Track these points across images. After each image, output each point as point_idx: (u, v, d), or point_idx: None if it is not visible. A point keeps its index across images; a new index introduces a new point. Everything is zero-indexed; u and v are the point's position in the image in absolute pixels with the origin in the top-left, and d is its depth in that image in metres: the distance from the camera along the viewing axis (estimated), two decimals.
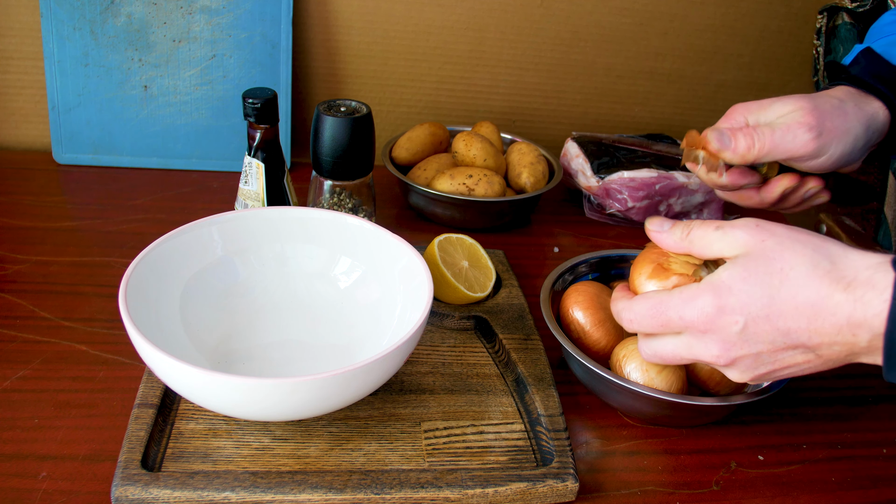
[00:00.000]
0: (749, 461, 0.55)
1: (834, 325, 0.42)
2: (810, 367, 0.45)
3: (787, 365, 0.45)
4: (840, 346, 0.42)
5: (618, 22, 0.98)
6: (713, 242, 0.46)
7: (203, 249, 0.58)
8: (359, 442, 0.52)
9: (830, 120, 0.52)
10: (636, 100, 1.04)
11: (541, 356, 0.60)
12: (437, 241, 0.65)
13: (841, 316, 0.41)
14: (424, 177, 0.83)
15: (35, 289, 0.66)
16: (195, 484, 0.46)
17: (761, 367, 0.45)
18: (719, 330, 0.44)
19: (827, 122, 0.52)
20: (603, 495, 0.51)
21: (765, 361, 0.45)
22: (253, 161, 0.65)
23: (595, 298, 0.60)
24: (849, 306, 0.41)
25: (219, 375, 0.43)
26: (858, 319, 0.41)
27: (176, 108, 0.89)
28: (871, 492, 0.54)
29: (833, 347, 0.43)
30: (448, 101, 0.99)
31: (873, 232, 0.98)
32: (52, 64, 0.85)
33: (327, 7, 0.91)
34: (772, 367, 0.45)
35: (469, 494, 0.48)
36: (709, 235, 0.46)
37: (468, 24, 0.95)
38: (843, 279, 0.41)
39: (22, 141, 0.92)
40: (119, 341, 0.60)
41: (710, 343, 0.45)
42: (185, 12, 0.85)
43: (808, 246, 0.43)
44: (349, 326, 0.60)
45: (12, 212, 0.77)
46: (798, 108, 0.52)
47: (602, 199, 0.87)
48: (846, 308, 0.41)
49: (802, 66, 1.05)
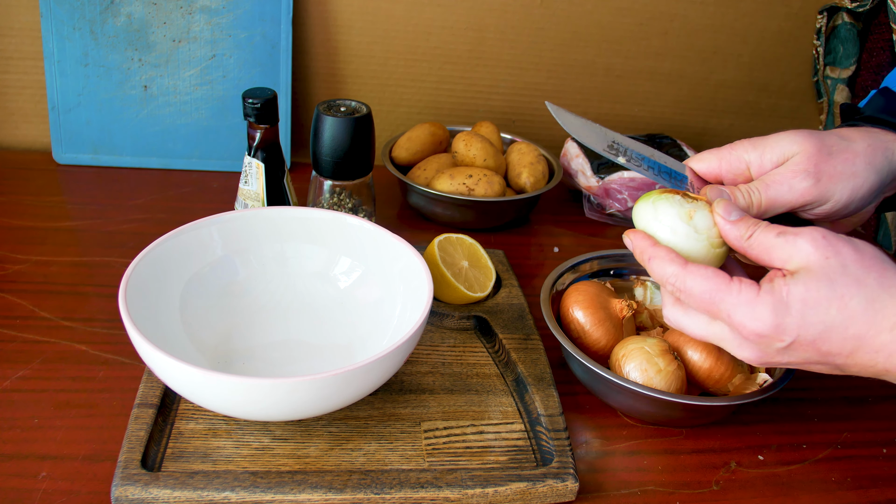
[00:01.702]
0: (749, 461, 0.55)
1: (872, 360, 0.42)
2: (827, 372, 0.45)
3: (808, 366, 0.45)
4: (869, 372, 0.43)
5: (618, 22, 0.97)
6: (773, 249, 0.44)
7: (203, 249, 0.58)
8: (359, 442, 0.52)
9: (832, 164, 0.49)
10: (636, 100, 1.04)
11: (541, 356, 0.60)
12: (437, 241, 0.65)
13: (882, 354, 0.42)
14: (424, 177, 0.83)
15: (35, 289, 0.66)
16: (195, 484, 0.46)
17: (783, 363, 0.46)
18: (762, 344, 0.44)
19: (828, 167, 0.48)
20: (603, 495, 0.51)
21: (789, 363, 0.45)
22: (253, 161, 0.66)
23: (595, 298, 0.60)
24: (891, 347, 0.41)
25: (218, 375, 0.43)
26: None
27: (176, 108, 0.89)
28: (871, 492, 0.54)
29: (861, 371, 0.43)
30: (448, 101, 0.99)
31: (873, 232, 0.98)
32: (52, 64, 0.85)
33: (327, 7, 0.91)
34: (792, 364, 0.45)
35: (469, 494, 0.48)
36: (769, 240, 0.44)
37: (468, 24, 0.95)
38: (894, 316, 0.41)
39: (22, 141, 0.92)
40: (119, 341, 0.60)
41: (745, 349, 0.45)
42: (185, 12, 0.85)
43: (872, 274, 0.42)
44: (349, 326, 0.60)
45: (12, 212, 0.77)
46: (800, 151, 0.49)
47: (602, 199, 0.87)
48: (888, 348, 0.41)
49: (802, 66, 1.05)
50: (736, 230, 0.46)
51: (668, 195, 0.49)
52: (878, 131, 0.52)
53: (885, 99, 0.56)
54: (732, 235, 0.46)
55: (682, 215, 0.47)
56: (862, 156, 0.49)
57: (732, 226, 0.46)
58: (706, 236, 0.47)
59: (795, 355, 0.44)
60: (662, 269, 0.47)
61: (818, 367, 0.45)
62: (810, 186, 0.48)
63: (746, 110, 1.07)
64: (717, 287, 0.44)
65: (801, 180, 0.48)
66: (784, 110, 1.08)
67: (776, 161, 0.50)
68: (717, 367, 0.56)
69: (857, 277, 0.42)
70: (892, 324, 0.41)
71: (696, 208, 0.48)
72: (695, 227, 0.47)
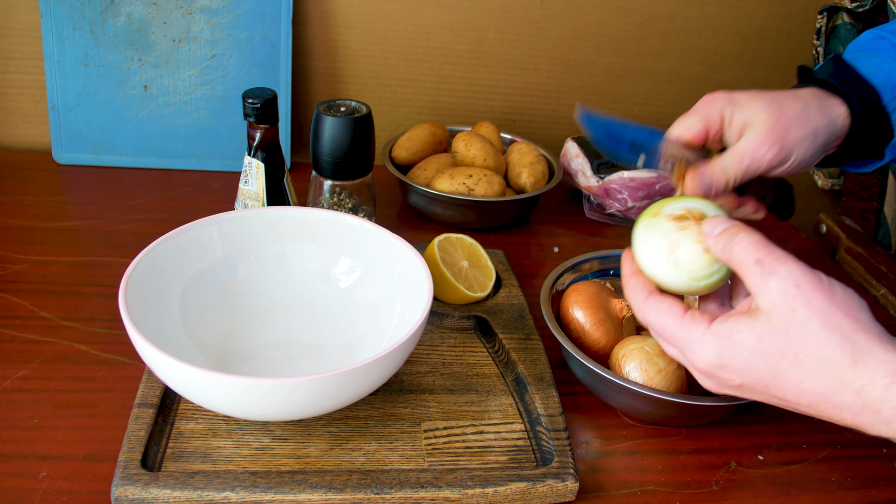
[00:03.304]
0: (749, 461, 0.55)
1: (837, 416, 0.41)
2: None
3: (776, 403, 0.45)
4: (838, 423, 0.42)
5: (618, 22, 0.98)
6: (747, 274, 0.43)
7: (203, 249, 0.58)
8: (359, 442, 0.52)
9: (793, 130, 0.54)
10: (636, 100, 1.04)
11: (541, 356, 0.60)
12: (437, 241, 0.65)
13: (847, 412, 0.41)
14: (424, 177, 0.83)
15: (35, 289, 0.66)
16: (195, 484, 0.46)
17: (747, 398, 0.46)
18: (716, 377, 0.44)
19: (789, 134, 0.53)
20: (603, 495, 0.51)
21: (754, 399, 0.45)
22: (253, 161, 0.66)
23: (595, 298, 0.60)
24: (857, 407, 0.40)
25: (218, 375, 0.43)
26: (865, 422, 0.40)
27: (176, 108, 0.89)
28: (871, 492, 0.54)
29: (829, 419, 0.42)
30: (448, 101, 0.99)
31: (873, 232, 0.98)
32: (52, 64, 0.85)
33: (327, 7, 0.91)
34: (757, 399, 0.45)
35: (469, 494, 0.48)
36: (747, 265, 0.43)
37: (468, 24, 0.95)
38: (857, 382, 0.40)
39: (22, 141, 0.92)
40: (119, 341, 0.60)
41: (703, 379, 0.46)
42: (185, 12, 0.85)
43: (837, 333, 0.40)
44: (349, 326, 0.60)
45: (12, 212, 0.77)
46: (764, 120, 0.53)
47: (602, 199, 0.87)
48: (853, 408, 0.40)
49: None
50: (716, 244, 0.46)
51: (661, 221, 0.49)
52: (825, 94, 0.56)
53: (835, 65, 0.59)
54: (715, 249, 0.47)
55: (665, 251, 0.48)
56: (813, 119, 0.55)
57: (715, 239, 0.46)
58: (686, 270, 0.48)
59: (754, 395, 0.44)
60: (631, 298, 0.50)
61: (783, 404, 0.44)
62: (776, 153, 0.53)
63: None
64: (668, 323, 0.46)
65: (768, 150, 0.53)
66: None
67: (743, 122, 0.55)
68: None
69: (820, 336, 0.40)
70: (856, 388, 0.40)
71: (681, 240, 0.48)
72: (675, 263, 0.48)
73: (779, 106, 0.54)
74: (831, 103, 0.56)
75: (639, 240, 0.50)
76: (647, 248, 0.49)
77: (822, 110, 0.55)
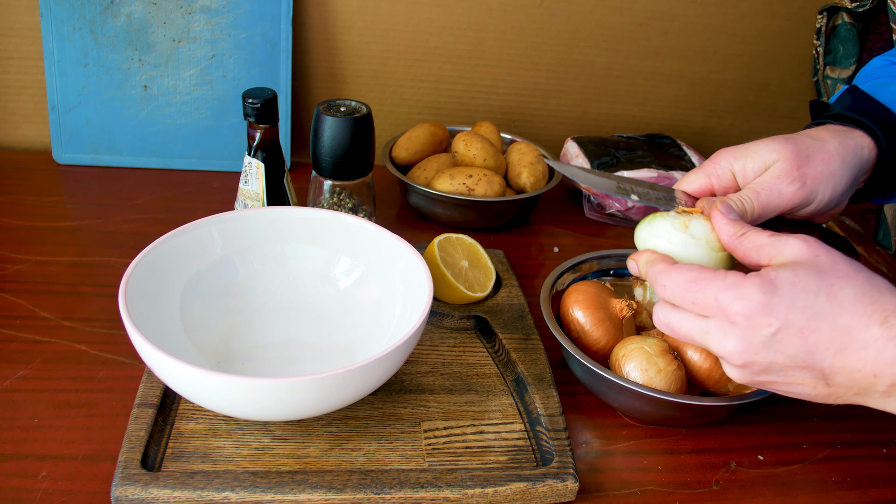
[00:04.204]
0: (749, 461, 0.55)
1: (860, 359, 0.41)
2: (814, 394, 0.44)
3: (793, 383, 0.44)
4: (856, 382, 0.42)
5: (618, 22, 0.98)
6: (763, 247, 0.45)
7: (203, 249, 0.58)
8: (359, 442, 0.52)
9: (813, 166, 0.52)
10: (636, 100, 1.04)
11: (541, 356, 0.60)
12: (437, 241, 0.65)
13: (870, 351, 0.41)
14: (424, 177, 0.83)
15: (35, 289, 0.66)
16: (195, 484, 0.46)
17: (767, 375, 0.44)
18: (749, 328, 0.43)
19: (809, 170, 0.52)
20: (603, 495, 0.51)
21: (774, 371, 0.44)
22: (253, 161, 0.66)
23: (595, 298, 0.60)
24: (881, 343, 0.41)
25: (218, 375, 0.43)
26: (886, 359, 0.40)
27: (176, 108, 0.89)
28: (871, 492, 0.54)
29: (848, 382, 0.42)
30: (448, 101, 0.99)
31: (873, 232, 0.98)
32: (52, 64, 0.85)
33: (327, 7, 0.91)
34: (777, 379, 0.44)
35: (469, 494, 0.48)
36: (761, 240, 0.45)
37: (468, 24, 0.95)
38: (884, 311, 0.41)
39: (22, 141, 0.92)
40: (119, 341, 0.60)
41: (730, 337, 0.44)
42: (185, 12, 0.85)
43: (862, 272, 0.43)
44: (349, 326, 0.60)
45: (12, 212, 0.77)
46: (780, 158, 0.52)
47: (602, 199, 0.87)
48: (878, 344, 0.41)
49: (802, 66, 1.05)
50: (731, 227, 0.48)
51: (664, 213, 0.52)
52: (846, 129, 0.55)
53: (853, 97, 0.57)
54: (726, 232, 0.48)
55: (678, 226, 0.50)
56: (836, 155, 0.53)
57: (728, 222, 0.48)
58: (704, 241, 0.50)
59: (781, 351, 0.43)
60: (651, 267, 0.49)
61: (803, 377, 0.44)
62: (797, 190, 0.51)
63: (746, 110, 1.07)
64: (702, 275, 0.45)
65: (788, 185, 0.51)
66: (784, 110, 1.08)
67: (758, 169, 0.53)
68: (717, 367, 0.56)
69: (847, 272, 0.43)
70: (883, 318, 0.41)
71: (692, 219, 0.51)
72: (691, 234, 0.49)
73: (795, 144, 0.53)
74: (853, 136, 0.54)
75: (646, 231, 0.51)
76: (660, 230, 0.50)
77: (844, 145, 0.53)
